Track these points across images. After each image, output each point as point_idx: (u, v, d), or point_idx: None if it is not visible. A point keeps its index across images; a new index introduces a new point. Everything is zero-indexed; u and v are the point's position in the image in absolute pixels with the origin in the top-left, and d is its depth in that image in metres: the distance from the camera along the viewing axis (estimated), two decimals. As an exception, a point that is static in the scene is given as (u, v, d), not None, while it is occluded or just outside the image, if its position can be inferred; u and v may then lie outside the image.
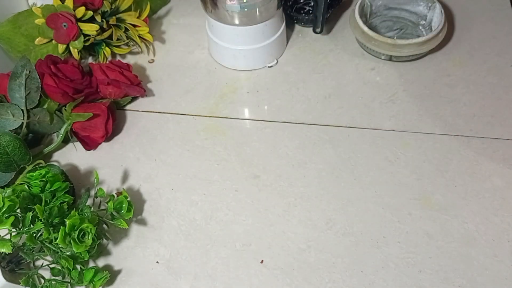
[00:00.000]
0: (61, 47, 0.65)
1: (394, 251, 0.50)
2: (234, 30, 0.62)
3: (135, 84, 0.63)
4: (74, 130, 0.59)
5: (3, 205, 0.45)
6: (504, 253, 0.50)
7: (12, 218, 0.45)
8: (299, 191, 0.54)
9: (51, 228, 0.46)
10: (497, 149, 0.58)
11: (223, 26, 0.62)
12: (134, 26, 0.68)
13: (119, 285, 0.50)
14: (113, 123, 0.60)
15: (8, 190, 0.48)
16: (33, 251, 0.48)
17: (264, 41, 0.64)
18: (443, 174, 0.56)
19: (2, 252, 0.45)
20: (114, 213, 0.50)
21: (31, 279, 0.47)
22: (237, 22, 0.61)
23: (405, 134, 0.59)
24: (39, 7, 0.64)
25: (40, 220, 0.46)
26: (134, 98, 0.65)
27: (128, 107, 0.65)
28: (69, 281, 0.48)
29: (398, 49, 0.64)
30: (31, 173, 0.50)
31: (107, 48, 0.67)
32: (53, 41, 0.65)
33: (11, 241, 0.45)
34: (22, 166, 0.55)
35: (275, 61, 0.67)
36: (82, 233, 0.46)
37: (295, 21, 0.72)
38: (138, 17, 0.68)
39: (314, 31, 0.67)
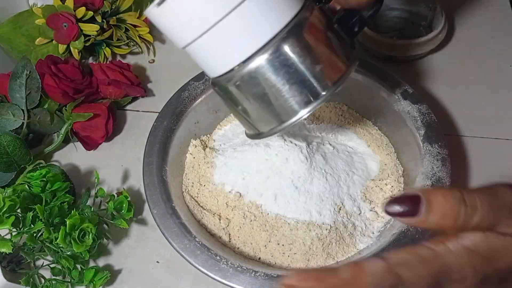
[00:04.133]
0: (61, 47, 0.65)
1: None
2: None
3: (136, 84, 0.63)
4: (74, 130, 0.59)
5: (4, 205, 0.45)
6: (504, 253, 0.50)
7: (12, 218, 0.45)
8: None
9: (51, 228, 0.46)
10: (497, 149, 0.58)
11: None
12: (135, 26, 0.68)
13: (120, 284, 0.50)
14: (114, 123, 0.60)
15: (9, 190, 0.48)
16: (33, 250, 0.48)
17: None
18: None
19: (3, 252, 0.45)
20: (115, 213, 0.50)
21: (31, 279, 0.47)
22: None
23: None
24: (39, 8, 0.64)
25: (41, 220, 0.46)
26: (134, 98, 0.65)
27: (128, 107, 0.65)
28: (69, 280, 0.48)
29: (398, 49, 0.64)
30: (31, 173, 0.50)
31: (107, 48, 0.67)
32: (54, 41, 0.65)
33: (12, 241, 0.45)
34: (22, 166, 0.55)
35: None
36: (82, 233, 0.46)
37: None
38: (138, 18, 0.68)
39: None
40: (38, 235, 0.47)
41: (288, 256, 0.47)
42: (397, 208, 0.27)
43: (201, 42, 0.36)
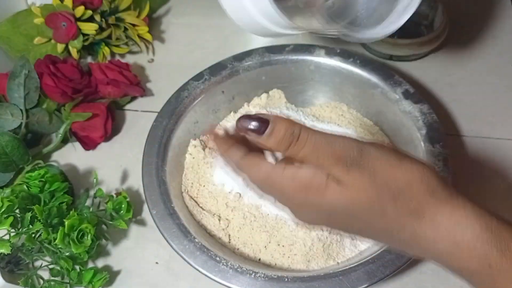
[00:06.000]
0: (60, 47, 0.64)
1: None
2: None
3: (134, 84, 0.63)
4: (73, 130, 0.59)
5: (2, 206, 0.45)
6: (505, 254, 0.50)
7: (11, 219, 0.45)
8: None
9: (50, 228, 0.46)
10: (498, 149, 0.58)
11: None
12: (134, 25, 0.68)
13: (119, 285, 0.50)
14: (112, 123, 0.60)
15: (7, 190, 0.48)
16: (32, 251, 0.48)
17: None
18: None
19: (1, 253, 0.45)
20: (113, 213, 0.49)
21: (30, 280, 0.47)
22: None
23: (406, 134, 0.59)
24: (38, 7, 0.64)
25: (39, 221, 0.46)
26: (133, 98, 0.65)
27: (127, 107, 0.65)
28: (68, 281, 0.48)
29: (399, 48, 0.64)
30: (30, 173, 0.50)
31: (106, 48, 0.67)
32: (52, 41, 0.64)
33: (10, 241, 0.45)
34: (21, 166, 0.54)
35: None
36: (81, 233, 0.46)
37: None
38: (137, 17, 0.68)
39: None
40: (37, 236, 0.47)
41: (289, 257, 0.47)
42: (247, 123, 0.31)
43: None
